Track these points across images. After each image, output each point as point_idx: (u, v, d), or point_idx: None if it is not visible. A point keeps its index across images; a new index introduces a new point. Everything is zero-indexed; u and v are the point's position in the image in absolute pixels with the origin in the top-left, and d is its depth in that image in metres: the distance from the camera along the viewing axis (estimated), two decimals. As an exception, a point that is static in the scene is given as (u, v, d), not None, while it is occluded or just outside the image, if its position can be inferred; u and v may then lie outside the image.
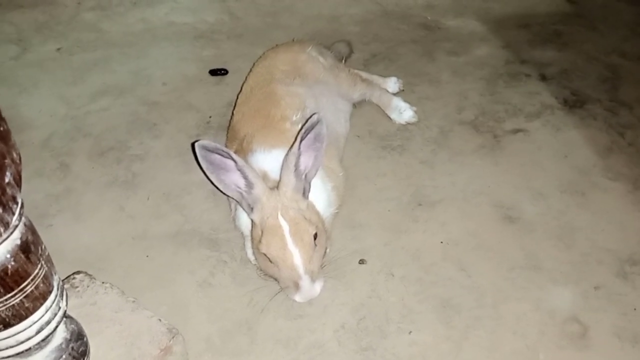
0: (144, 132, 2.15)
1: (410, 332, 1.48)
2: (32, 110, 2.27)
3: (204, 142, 1.41)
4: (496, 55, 2.58)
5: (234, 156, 1.41)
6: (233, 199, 1.54)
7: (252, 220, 1.50)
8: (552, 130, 2.14)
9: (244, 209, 1.51)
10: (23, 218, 0.90)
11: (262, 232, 1.44)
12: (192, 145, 1.47)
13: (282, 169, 1.48)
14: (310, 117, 1.46)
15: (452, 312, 1.53)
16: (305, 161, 1.49)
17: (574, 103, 2.28)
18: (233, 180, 1.47)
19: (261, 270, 1.56)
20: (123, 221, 1.81)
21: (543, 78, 2.42)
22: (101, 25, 2.79)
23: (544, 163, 2.00)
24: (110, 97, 2.33)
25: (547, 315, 1.53)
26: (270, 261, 1.45)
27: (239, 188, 1.47)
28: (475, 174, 1.95)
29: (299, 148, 1.44)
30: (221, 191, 1.52)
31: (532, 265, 1.66)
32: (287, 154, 1.47)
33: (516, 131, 2.13)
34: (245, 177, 1.44)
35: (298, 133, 1.46)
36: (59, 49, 2.63)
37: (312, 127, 1.45)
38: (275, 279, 1.52)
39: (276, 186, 1.49)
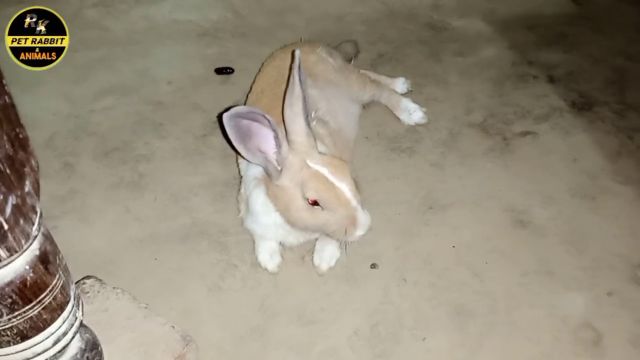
0: (149, 132, 2.11)
1: (425, 338, 1.47)
2: (35, 109, 2.23)
3: (238, 108, 1.36)
4: (503, 56, 2.56)
5: (267, 116, 1.36)
6: (259, 165, 1.49)
7: (280, 189, 1.45)
8: (561, 133, 2.13)
9: (270, 175, 1.46)
10: (42, 228, 0.87)
11: (303, 182, 1.40)
12: (219, 116, 1.43)
13: (289, 119, 1.45)
14: (292, 53, 1.44)
15: (466, 318, 1.52)
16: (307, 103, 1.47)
17: (582, 105, 2.27)
18: (256, 144, 1.43)
19: (309, 229, 1.52)
20: (130, 223, 1.79)
21: (550, 80, 2.41)
22: (104, 22, 2.74)
23: (553, 166, 1.99)
24: (115, 96, 2.29)
25: (560, 321, 1.53)
26: (322, 208, 1.41)
27: (264, 153, 1.43)
28: (486, 177, 1.94)
29: (302, 88, 1.42)
30: (246, 160, 1.50)
31: (544, 270, 1.65)
32: (290, 101, 1.44)
33: (525, 134, 2.12)
34: (276, 137, 1.40)
35: (289, 76, 1.43)
36: (61, 46, 2.59)
37: (300, 62, 1.42)
38: (326, 232, 1.48)
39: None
